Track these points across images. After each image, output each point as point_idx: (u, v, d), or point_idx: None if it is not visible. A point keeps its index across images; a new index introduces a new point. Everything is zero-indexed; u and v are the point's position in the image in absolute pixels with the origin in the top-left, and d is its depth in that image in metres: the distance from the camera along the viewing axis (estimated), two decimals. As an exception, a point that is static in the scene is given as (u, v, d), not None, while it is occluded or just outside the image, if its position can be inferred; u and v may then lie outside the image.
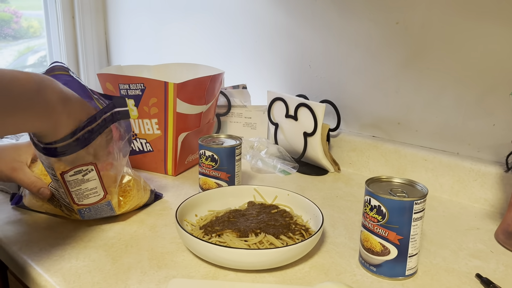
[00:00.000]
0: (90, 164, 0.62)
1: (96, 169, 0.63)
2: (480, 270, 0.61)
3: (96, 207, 0.67)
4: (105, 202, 0.67)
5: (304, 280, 0.57)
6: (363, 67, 0.97)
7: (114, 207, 0.68)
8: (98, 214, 0.68)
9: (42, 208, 0.71)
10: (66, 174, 0.61)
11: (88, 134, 0.59)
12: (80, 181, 0.63)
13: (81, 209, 0.66)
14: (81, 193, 0.64)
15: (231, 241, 0.61)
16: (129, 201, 0.70)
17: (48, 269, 0.58)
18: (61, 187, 0.63)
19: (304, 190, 0.88)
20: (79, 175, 0.62)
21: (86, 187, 0.64)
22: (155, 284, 0.55)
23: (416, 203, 0.55)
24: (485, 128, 0.82)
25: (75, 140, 0.57)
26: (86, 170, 0.62)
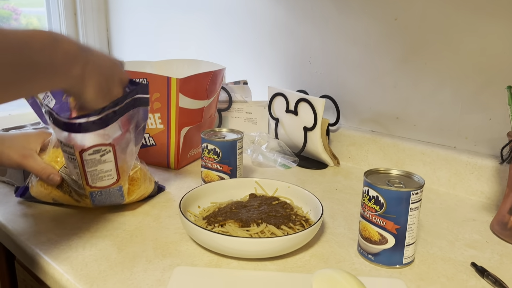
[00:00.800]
0: (109, 145, 0.64)
1: (113, 151, 0.65)
2: (475, 259, 0.62)
3: (107, 191, 0.68)
4: (117, 186, 0.69)
5: (305, 268, 0.59)
6: (362, 62, 0.99)
7: (124, 193, 0.70)
8: (108, 200, 0.70)
9: (49, 196, 0.72)
10: (85, 152, 0.63)
11: (111, 115, 0.61)
12: (97, 162, 0.65)
13: (93, 192, 0.68)
14: (96, 174, 0.66)
15: (233, 231, 0.62)
16: (136, 189, 0.72)
17: (56, 258, 0.59)
18: (76, 168, 0.65)
19: (304, 183, 0.90)
20: (97, 155, 0.64)
21: (102, 168, 0.66)
22: (160, 272, 0.57)
23: (413, 194, 0.57)
24: (482, 122, 0.84)
25: (99, 118, 0.59)
26: (104, 150, 0.64)
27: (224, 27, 1.26)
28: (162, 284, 0.54)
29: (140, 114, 0.68)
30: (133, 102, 0.64)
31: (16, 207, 0.74)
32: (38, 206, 0.74)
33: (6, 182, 0.84)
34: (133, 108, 0.65)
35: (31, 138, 0.72)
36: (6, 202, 0.76)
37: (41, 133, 0.73)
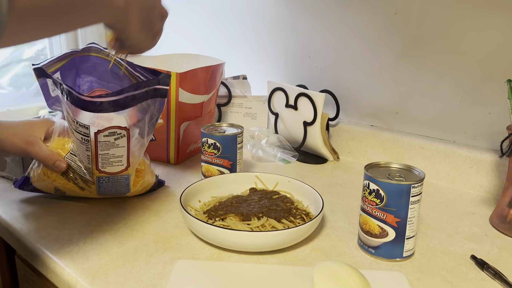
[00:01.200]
0: (124, 129, 0.65)
1: (127, 136, 0.66)
2: (475, 252, 0.63)
3: (115, 178, 0.69)
4: (125, 175, 0.69)
5: (305, 261, 0.59)
6: (362, 57, 0.99)
7: (131, 183, 0.70)
8: (113, 188, 0.71)
9: (52, 185, 0.71)
10: (101, 134, 0.64)
11: (130, 98, 0.61)
12: (110, 145, 0.66)
13: (101, 177, 0.68)
14: (107, 159, 0.67)
15: (234, 225, 0.62)
16: (141, 180, 0.73)
17: (57, 252, 0.59)
18: (89, 150, 0.65)
19: (304, 178, 0.90)
20: (112, 138, 0.65)
21: (114, 153, 0.67)
22: (162, 265, 0.57)
23: (414, 187, 0.57)
24: (481, 116, 0.84)
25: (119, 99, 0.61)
26: (119, 134, 0.65)
27: (224, 21, 1.26)
28: (164, 277, 0.54)
29: (156, 106, 0.69)
30: (153, 91, 0.65)
31: (16, 202, 0.74)
32: (38, 201, 0.74)
33: (5, 177, 0.84)
34: (152, 98, 0.66)
35: (35, 125, 0.72)
36: (6, 197, 0.75)
37: (45, 121, 0.73)
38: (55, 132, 0.71)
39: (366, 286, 0.48)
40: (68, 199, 0.75)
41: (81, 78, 0.71)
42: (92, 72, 0.72)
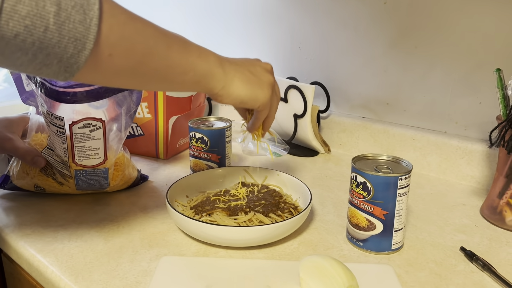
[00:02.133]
0: (99, 120, 0.64)
1: (103, 128, 0.65)
2: (464, 244, 0.62)
3: (93, 171, 0.68)
4: (103, 168, 0.68)
5: (293, 256, 0.58)
6: (352, 47, 0.98)
7: (109, 177, 0.70)
8: (91, 183, 0.70)
9: (32, 182, 0.71)
10: (75, 125, 0.63)
11: (105, 89, 0.61)
12: (86, 137, 0.65)
13: (78, 170, 0.68)
14: (83, 152, 0.66)
15: (221, 220, 0.62)
16: (120, 174, 0.72)
17: (41, 250, 0.59)
18: (64, 143, 0.65)
19: (294, 171, 0.89)
20: (87, 129, 0.64)
21: (90, 145, 0.66)
22: (147, 262, 0.56)
23: (401, 179, 0.56)
24: (472, 106, 0.83)
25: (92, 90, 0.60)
26: (94, 126, 0.64)
27: (212, 13, 1.24)
28: (149, 274, 0.54)
29: (133, 98, 0.68)
30: None
31: (1, 199, 0.73)
32: (23, 198, 0.73)
33: (-9, 174, 0.83)
34: (127, 89, 0.65)
35: (14, 122, 0.71)
36: (-9, 195, 0.74)
37: (22, 117, 0.73)
38: (32, 128, 0.71)
39: (351, 280, 0.47)
40: (53, 196, 0.74)
41: None
42: None
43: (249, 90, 0.57)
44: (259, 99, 0.59)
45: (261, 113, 0.63)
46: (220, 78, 0.54)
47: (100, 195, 0.75)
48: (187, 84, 0.51)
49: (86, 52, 0.37)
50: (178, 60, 0.48)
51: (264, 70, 0.61)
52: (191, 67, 0.50)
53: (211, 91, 0.55)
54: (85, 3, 0.36)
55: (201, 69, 0.52)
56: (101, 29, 0.38)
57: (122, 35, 0.41)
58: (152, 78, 0.47)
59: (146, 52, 0.44)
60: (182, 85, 0.51)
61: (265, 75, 0.60)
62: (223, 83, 0.55)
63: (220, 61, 0.55)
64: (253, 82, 0.58)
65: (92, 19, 0.37)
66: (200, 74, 0.52)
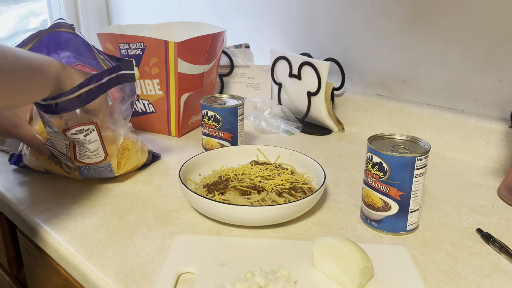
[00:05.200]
0: (91, 123, 0.62)
1: (97, 129, 0.63)
2: (481, 225, 0.61)
3: (96, 167, 0.68)
4: (105, 163, 0.67)
5: (306, 235, 0.58)
6: (369, 23, 0.95)
7: (114, 169, 0.69)
8: (97, 174, 0.69)
9: (42, 166, 0.71)
10: (68, 132, 0.61)
11: (90, 92, 0.59)
12: (82, 142, 0.63)
13: (81, 166, 0.67)
14: (83, 152, 0.65)
15: (234, 199, 0.61)
16: (127, 162, 0.71)
17: (55, 227, 0.59)
18: (66, 139, 0.64)
19: (307, 149, 0.88)
20: (81, 135, 0.62)
21: (88, 148, 0.64)
22: (160, 240, 0.57)
23: (418, 159, 0.55)
24: (492, 84, 0.80)
25: (76, 96, 0.57)
26: (87, 130, 0.62)
27: (225, -12, 1.21)
28: (162, 252, 0.54)
29: (126, 90, 0.67)
30: (116, 78, 0.62)
31: (16, 176, 0.73)
32: (37, 176, 0.74)
33: (5, 151, 0.83)
34: (117, 85, 0.63)
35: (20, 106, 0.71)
36: (5, 172, 0.75)
37: None
38: (37, 115, 0.70)
39: (365, 261, 0.46)
40: (67, 173, 0.74)
41: (57, 55, 0.68)
42: (68, 47, 0.69)
43: None
44: None
45: None
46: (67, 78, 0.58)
47: (113, 172, 0.75)
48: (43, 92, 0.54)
49: None
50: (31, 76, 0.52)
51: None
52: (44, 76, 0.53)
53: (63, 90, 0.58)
54: None
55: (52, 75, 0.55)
56: None
57: None
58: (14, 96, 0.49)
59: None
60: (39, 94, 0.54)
61: None
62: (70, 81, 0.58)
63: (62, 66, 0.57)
64: None
65: None
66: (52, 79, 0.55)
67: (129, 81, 0.64)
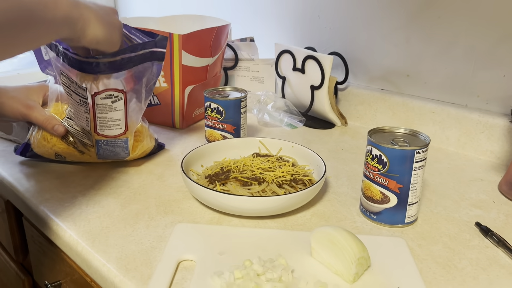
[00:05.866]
0: (121, 91, 0.65)
1: (125, 99, 0.66)
2: (480, 219, 0.61)
3: (114, 141, 0.69)
4: (123, 138, 0.69)
5: (305, 226, 0.59)
6: (373, 17, 0.95)
7: (129, 147, 0.71)
8: (112, 152, 0.71)
9: (52, 150, 0.72)
10: (98, 96, 0.64)
11: (127, 60, 0.61)
12: (108, 108, 0.65)
13: (100, 140, 0.69)
14: (105, 122, 0.67)
15: (234, 189, 0.62)
16: (139, 144, 0.73)
17: (60, 215, 0.60)
18: (87, 112, 0.65)
19: (310, 143, 0.89)
20: (109, 101, 0.65)
21: (112, 116, 0.66)
22: (162, 228, 0.58)
23: (418, 152, 0.55)
24: (495, 79, 0.80)
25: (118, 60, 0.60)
26: (116, 96, 0.65)
27: (231, -19, 1.22)
28: (163, 240, 0.55)
29: (153, 69, 0.68)
30: (150, 54, 0.64)
31: (22, 165, 0.75)
32: (43, 165, 0.75)
33: (13, 140, 0.84)
34: (149, 61, 0.64)
35: (33, 90, 0.72)
36: (12, 161, 0.76)
37: (42, 86, 0.73)
38: (51, 97, 0.71)
39: (362, 251, 0.47)
40: (72, 163, 0.75)
41: None
42: None
43: (106, 31, 0.55)
44: (115, 43, 0.58)
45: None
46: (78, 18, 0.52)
47: (118, 163, 0.76)
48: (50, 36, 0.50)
49: None
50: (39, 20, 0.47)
51: (113, 12, 0.59)
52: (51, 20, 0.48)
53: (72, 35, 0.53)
54: None
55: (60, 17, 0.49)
56: None
57: None
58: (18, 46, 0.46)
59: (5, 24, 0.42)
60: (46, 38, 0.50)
61: (115, 17, 0.58)
62: (81, 24, 0.52)
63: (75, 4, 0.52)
64: (107, 23, 0.56)
65: None
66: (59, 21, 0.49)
67: (159, 59, 0.66)
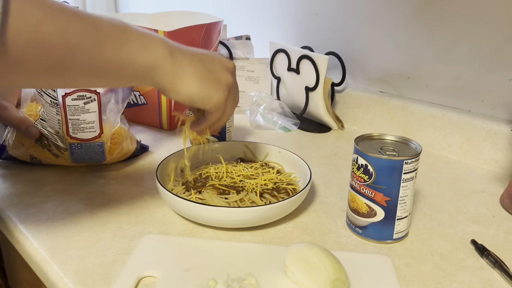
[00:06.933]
0: (94, 92, 0.62)
1: (98, 100, 0.63)
2: (477, 236, 0.56)
3: (88, 145, 0.66)
4: (98, 142, 0.66)
5: (284, 240, 0.54)
6: (373, 16, 0.89)
7: (106, 151, 0.67)
8: (87, 155, 0.67)
9: (27, 153, 0.69)
10: (69, 97, 0.61)
11: None
12: (81, 110, 0.63)
13: (73, 143, 0.66)
14: (78, 124, 0.64)
15: (210, 199, 0.58)
16: (118, 147, 0.69)
17: (25, 221, 0.57)
18: (59, 114, 0.63)
19: (302, 147, 0.84)
20: (81, 102, 0.62)
21: (84, 118, 0.63)
22: (129, 239, 0.54)
23: (407, 163, 0.50)
24: (501, 83, 0.75)
25: None
26: (89, 98, 0.62)
27: (228, -23, 1.17)
28: (128, 253, 0.51)
29: None
30: None
31: (-3, 167, 0.72)
32: (18, 166, 0.72)
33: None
34: None
35: (8, 90, 0.69)
36: (-13, 161, 0.73)
37: None
38: (26, 98, 0.69)
39: (338, 273, 0.43)
40: (47, 166, 0.72)
41: None
42: None
43: (202, 88, 0.50)
44: (212, 100, 0.52)
45: (211, 115, 0.54)
46: (168, 72, 0.48)
47: (96, 166, 0.72)
48: (127, 79, 0.46)
49: None
50: (112, 57, 0.42)
51: (224, 68, 0.53)
52: (129, 63, 0.44)
53: (158, 85, 0.49)
54: None
55: (144, 63, 0.45)
56: (5, 35, 0.33)
57: (33, 38, 0.36)
58: (80, 78, 0.42)
59: (67, 54, 0.39)
60: (122, 81, 0.46)
61: (224, 74, 0.53)
62: (171, 78, 0.48)
63: (171, 52, 0.48)
64: (208, 80, 0.51)
65: None
66: (142, 68, 0.46)
67: None
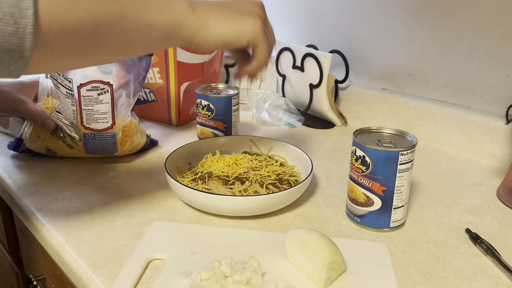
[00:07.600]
0: (107, 84, 0.66)
1: (111, 91, 0.67)
2: (472, 226, 0.58)
3: (101, 135, 0.69)
4: (111, 132, 0.69)
5: (286, 228, 0.57)
6: (375, 14, 0.92)
7: (117, 142, 0.71)
8: (100, 146, 0.71)
9: (43, 145, 0.73)
10: (83, 87, 0.64)
11: None
12: (94, 101, 0.66)
13: (87, 133, 0.69)
14: (91, 115, 0.67)
15: (216, 188, 0.61)
16: (129, 140, 0.72)
17: (41, 209, 0.60)
18: (74, 105, 0.66)
19: (306, 143, 0.87)
20: (95, 93, 0.65)
21: (98, 109, 0.67)
22: (139, 226, 0.57)
23: (402, 154, 0.53)
24: (499, 79, 0.77)
25: None
26: (102, 89, 0.66)
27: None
28: (138, 238, 0.54)
29: (142, 64, 0.68)
30: None
31: (14, 159, 0.75)
32: (33, 158, 0.75)
33: (9, 134, 0.85)
34: None
35: (26, 85, 0.74)
36: (5, 154, 0.77)
37: (35, 81, 0.75)
38: (43, 92, 0.72)
39: (335, 255, 0.45)
40: (62, 159, 0.75)
41: None
42: None
43: (230, 26, 0.48)
44: (246, 32, 0.49)
45: (258, 49, 0.51)
46: (192, 24, 0.46)
47: (108, 158, 0.76)
48: (154, 44, 0.46)
49: (25, 60, 0.35)
50: (136, 26, 0.43)
51: (250, 4, 0.52)
52: (154, 27, 0.44)
53: (186, 42, 0.47)
54: (16, 11, 0.33)
55: (167, 23, 0.44)
56: (39, 30, 0.35)
57: (63, 27, 0.37)
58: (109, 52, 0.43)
59: (95, 33, 0.40)
60: (149, 47, 0.46)
61: (250, 7, 0.51)
62: (197, 29, 0.47)
63: (191, 6, 0.46)
64: (233, 16, 0.49)
65: (26, 27, 0.34)
66: (167, 28, 0.45)
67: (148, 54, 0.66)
